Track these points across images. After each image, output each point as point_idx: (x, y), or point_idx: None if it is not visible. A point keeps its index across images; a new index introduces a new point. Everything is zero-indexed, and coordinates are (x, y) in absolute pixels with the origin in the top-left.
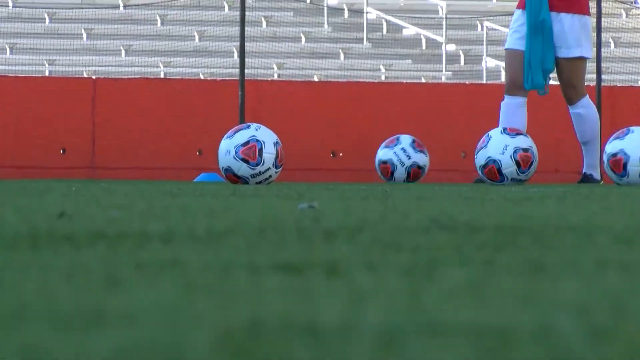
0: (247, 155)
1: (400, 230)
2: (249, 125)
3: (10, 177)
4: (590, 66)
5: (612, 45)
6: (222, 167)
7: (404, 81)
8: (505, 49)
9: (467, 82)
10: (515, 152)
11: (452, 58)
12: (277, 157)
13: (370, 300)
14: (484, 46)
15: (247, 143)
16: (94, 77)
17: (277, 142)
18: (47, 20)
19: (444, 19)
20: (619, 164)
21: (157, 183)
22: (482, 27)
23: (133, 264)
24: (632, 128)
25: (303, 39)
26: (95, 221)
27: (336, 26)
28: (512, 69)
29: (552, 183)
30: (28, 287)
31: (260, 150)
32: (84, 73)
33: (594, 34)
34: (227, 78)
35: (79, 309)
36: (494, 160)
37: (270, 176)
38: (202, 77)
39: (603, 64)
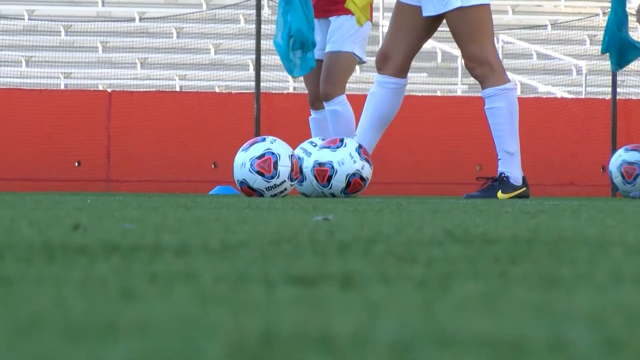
0: (263, 168)
1: (414, 242)
2: (265, 138)
3: (25, 189)
4: (606, 79)
5: None
6: (237, 180)
7: (420, 94)
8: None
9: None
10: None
11: (465, 71)
12: (292, 170)
13: (384, 312)
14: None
15: (262, 156)
16: (109, 90)
17: (292, 155)
18: (62, 33)
19: None
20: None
21: (172, 196)
22: (497, 40)
23: (147, 275)
24: None
25: None
26: (110, 233)
27: None
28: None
29: (567, 196)
30: (42, 299)
31: (276, 163)
32: (100, 86)
33: None
34: (242, 91)
35: (93, 320)
36: None
37: (285, 189)
38: (217, 90)
39: (618, 77)
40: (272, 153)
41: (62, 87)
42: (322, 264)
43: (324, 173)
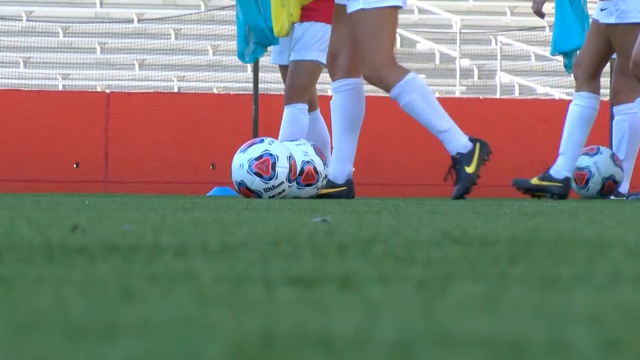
0: (261, 170)
1: (413, 243)
2: (263, 140)
3: (24, 190)
4: (604, 81)
5: None
6: (236, 181)
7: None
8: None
9: (480, 97)
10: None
11: (466, 73)
12: (290, 171)
13: (383, 313)
14: (498, 61)
15: (260, 157)
16: (107, 91)
17: (290, 156)
18: (60, 35)
19: (458, 34)
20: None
21: (170, 197)
22: (496, 42)
23: (147, 276)
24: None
25: None
26: (109, 234)
27: None
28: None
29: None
30: (42, 299)
31: (274, 165)
32: (98, 87)
33: None
34: (240, 92)
35: (92, 321)
36: None
37: (283, 190)
38: (215, 91)
39: None
40: (270, 154)
41: (60, 88)
42: (321, 264)
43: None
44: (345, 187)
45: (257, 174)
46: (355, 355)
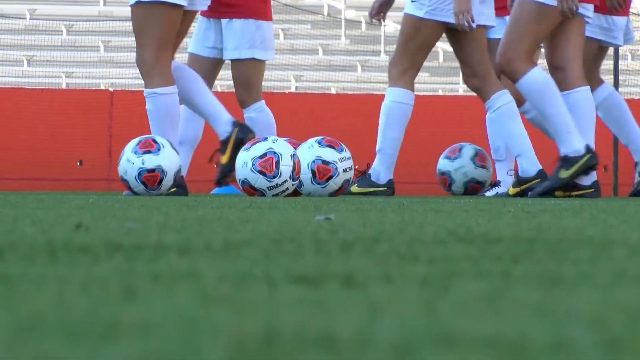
0: (264, 168)
1: (416, 242)
2: (266, 138)
3: (27, 189)
4: (607, 79)
5: (630, 58)
6: (239, 180)
7: (421, 93)
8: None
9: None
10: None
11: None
12: (294, 169)
13: (386, 312)
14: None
15: (264, 155)
16: (111, 89)
17: (294, 155)
18: (64, 33)
19: None
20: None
21: (173, 195)
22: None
23: (149, 275)
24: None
25: (320, 52)
26: (112, 233)
27: (353, 39)
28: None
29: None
30: (44, 298)
31: (278, 163)
32: (101, 85)
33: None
34: None
35: (95, 320)
36: None
37: (287, 188)
38: (219, 89)
39: (620, 77)
40: (274, 152)
41: (64, 86)
42: (324, 263)
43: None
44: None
45: (260, 172)
46: (359, 354)
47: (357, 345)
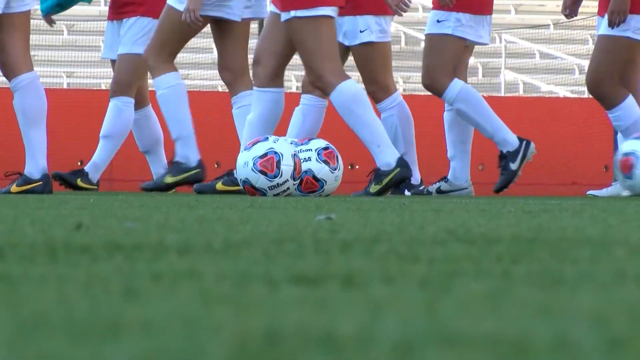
0: (265, 167)
1: (417, 242)
2: (267, 138)
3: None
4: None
5: None
6: (240, 179)
7: (421, 94)
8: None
9: (485, 95)
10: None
11: (471, 70)
12: (295, 169)
13: (387, 311)
14: (503, 59)
15: (265, 155)
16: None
17: (295, 154)
18: (65, 33)
19: None
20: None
21: (174, 195)
22: (500, 39)
23: (150, 274)
24: None
25: None
26: (113, 233)
27: None
28: None
29: (569, 196)
30: (45, 298)
31: (278, 163)
32: (102, 85)
33: None
34: None
35: (96, 320)
36: None
37: (288, 188)
38: (220, 89)
39: None
40: (275, 152)
41: (65, 86)
42: (324, 263)
43: None
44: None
45: (261, 171)
46: (359, 354)
47: (358, 345)
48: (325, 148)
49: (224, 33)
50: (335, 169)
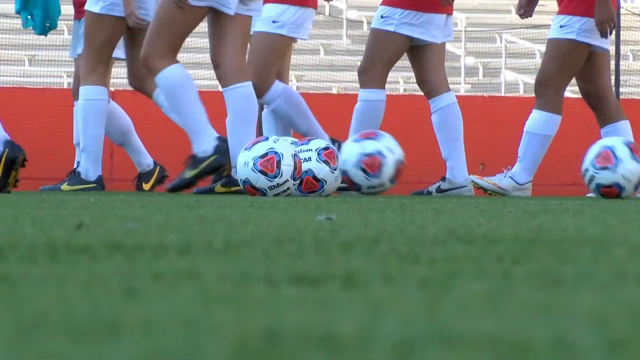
0: (265, 167)
1: (417, 242)
2: (267, 138)
3: (27, 188)
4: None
5: (631, 58)
6: (240, 179)
7: (421, 94)
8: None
9: (485, 95)
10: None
11: (471, 71)
12: (295, 169)
13: (387, 311)
14: (503, 59)
15: (265, 155)
16: (112, 89)
17: (295, 154)
18: (65, 32)
19: (463, 32)
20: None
21: (174, 195)
22: (501, 39)
23: (150, 275)
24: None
25: (322, 52)
26: (113, 233)
27: (355, 39)
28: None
29: (570, 196)
30: (45, 298)
31: (279, 163)
32: None
33: (613, 47)
34: None
35: (96, 320)
36: None
37: (288, 188)
38: (220, 89)
39: (622, 77)
40: (275, 152)
41: (65, 86)
42: (325, 263)
43: None
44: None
45: (262, 172)
46: (359, 354)
47: (358, 345)
48: (326, 148)
49: (217, 28)
50: (335, 169)
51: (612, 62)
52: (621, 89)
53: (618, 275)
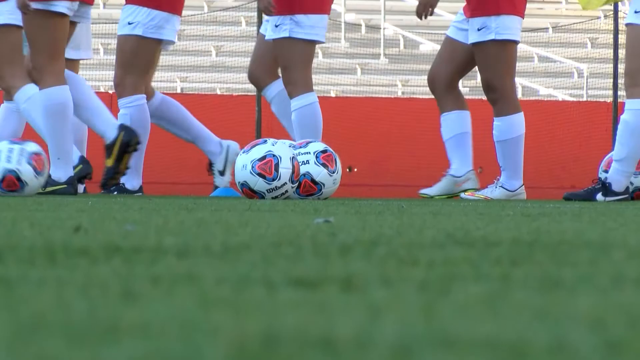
0: (264, 170)
1: (415, 245)
2: (266, 140)
3: None
4: (607, 82)
5: None
6: (239, 182)
7: (421, 97)
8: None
9: (483, 98)
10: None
11: (470, 74)
12: (293, 172)
13: (385, 314)
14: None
15: (263, 158)
16: (111, 92)
17: (293, 157)
18: None
19: None
20: None
21: (173, 198)
22: None
23: (148, 277)
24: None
25: (320, 55)
26: (111, 235)
27: (353, 42)
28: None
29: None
30: (44, 300)
31: (277, 166)
32: (101, 88)
33: (611, 50)
34: (243, 93)
35: (94, 322)
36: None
37: (286, 191)
38: (218, 92)
39: (619, 81)
40: (273, 155)
41: None
42: (323, 266)
43: None
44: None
45: (260, 174)
46: (357, 357)
47: (356, 348)
48: (324, 151)
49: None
50: (333, 172)
51: (610, 66)
52: (619, 92)
53: (616, 278)
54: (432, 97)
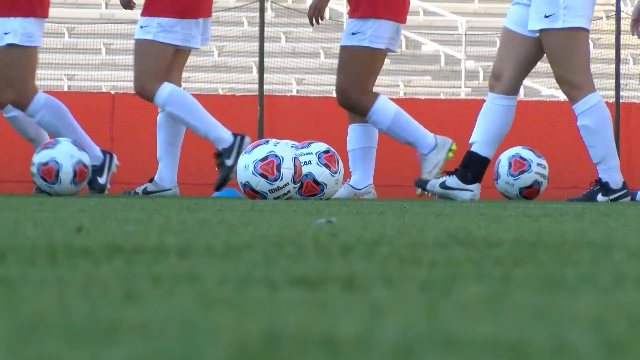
0: (266, 171)
1: (417, 245)
2: (268, 141)
3: (29, 192)
4: (609, 83)
5: (631, 62)
6: (241, 182)
7: (423, 97)
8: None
9: (486, 99)
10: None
11: (472, 74)
12: (295, 172)
13: (387, 314)
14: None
15: (265, 158)
16: (112, 92)
17: (295, 158)
18: (66, 35)
19: (464, 36)
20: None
21: (174, 198)
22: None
23: (150, 277)
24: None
25: (322, 55)
26: (113, 235)
27: None
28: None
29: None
30: (45, 300)
31: (279, 166)
32: (103, 88)
33: (613, 51)
34: (246, 94)
35: (95, 322)
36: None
37: (288, 191)
38: (221, 92)
39: (622, 81)
40: (276, 155)
41: (66, 89)
42: (325, 266)
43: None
44: None
45: (262, 175)
46: (359, 357)
47: (358, 348)
48: (326, 151)
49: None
50: (335, 173)
51: (613, 66)
52: (621, 93)
53: (618, 279)
54: (434, 97)
